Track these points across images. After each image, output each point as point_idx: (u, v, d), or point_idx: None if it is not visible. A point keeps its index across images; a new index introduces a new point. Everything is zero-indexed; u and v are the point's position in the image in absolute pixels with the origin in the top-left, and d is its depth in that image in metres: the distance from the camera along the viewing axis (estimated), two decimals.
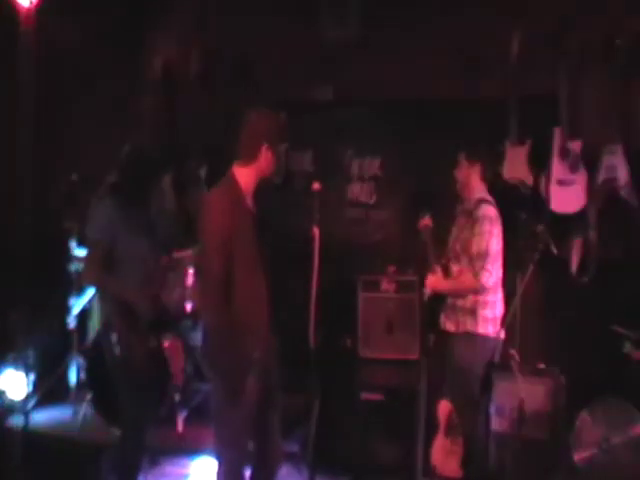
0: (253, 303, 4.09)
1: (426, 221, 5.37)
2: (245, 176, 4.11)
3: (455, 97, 6.69)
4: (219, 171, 4.26)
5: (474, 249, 5.05)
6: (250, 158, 4.10)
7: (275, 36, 7.28)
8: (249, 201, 4.15)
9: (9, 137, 6.21)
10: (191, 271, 6.45)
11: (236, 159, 4.15)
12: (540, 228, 5.02)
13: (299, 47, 7.26)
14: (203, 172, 7.38)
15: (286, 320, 4.72)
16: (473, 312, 5.09)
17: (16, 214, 5.92)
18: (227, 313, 3.95)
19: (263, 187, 4.24)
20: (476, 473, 5.05)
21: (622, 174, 5.90)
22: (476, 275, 5.03)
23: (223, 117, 4.28)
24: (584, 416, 5.34)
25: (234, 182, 4.11)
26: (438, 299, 5.31)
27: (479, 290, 5.06)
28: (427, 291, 5.32)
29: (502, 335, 5.09)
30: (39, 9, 6.40)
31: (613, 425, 5.26)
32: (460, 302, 5.15)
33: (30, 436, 5.55)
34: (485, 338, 5.07)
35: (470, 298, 5.11)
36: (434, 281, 5.24)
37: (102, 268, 4.71)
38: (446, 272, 5.27)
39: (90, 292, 6.61)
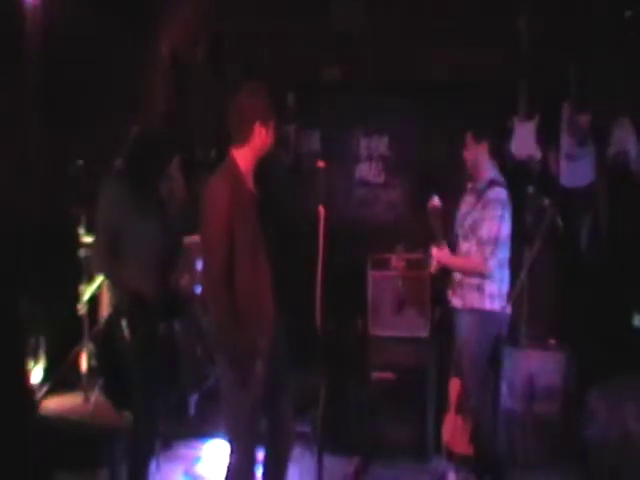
0: (256, 286, 4.06)
1: (435, 202, 5.31)
2: (243, 157, 4.09)
3: (462, 74, 6.64)
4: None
5: (484, 233, 5.00)
6: (244, 138, 4.07)
7: (283, 18, 7.25)
8: (249, 182, 4.12)
9: (17, 125, 6.21)
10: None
11: (232, 142, 4.12)
12: (547, 202, 4.98)
13: (307, 29, 7.22)
14: (212, 155, 7.35)
15: (296, 301, 4.71)
16: (480, 288, 5.04)
17: (25, 201, 5.91)
18: (230, 300, 3.95)
19: (274, 168, 4.21)
20: (485, 449, 5.03)
21: (631, 147, 5.86)
22: (485, 260, 5.00)
23: (232, 100, 4.29)
24: (596, 392, 5.31)
25: (233, 165, 4.09)
26: (445, 276, 5.28)
27: (484, 274, 5.02)
28: (434, 264, 5.27)
29: (508, 310, 5.06)
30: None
31: (625, 400, 5.23)
32: (467, 279, 5.11)
33: (42, 423, 5.55)
34: (491, 313, 5.01)
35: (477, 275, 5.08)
36: (441, 255, 5.20)
37: (110, 255, 4.69)
38: (452, 248, 5.23)
39: (100, 278, 6.61)
